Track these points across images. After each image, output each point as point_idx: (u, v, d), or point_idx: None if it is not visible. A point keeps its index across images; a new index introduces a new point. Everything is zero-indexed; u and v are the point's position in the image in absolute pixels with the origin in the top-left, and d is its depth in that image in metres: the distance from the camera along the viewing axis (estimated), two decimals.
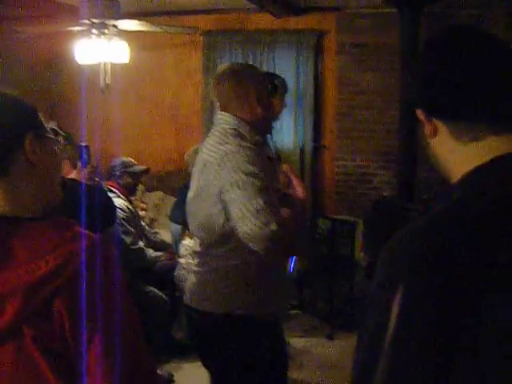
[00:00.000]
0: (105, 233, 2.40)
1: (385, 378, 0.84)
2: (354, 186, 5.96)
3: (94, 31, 4.47)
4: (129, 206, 4.11)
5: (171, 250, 4.45)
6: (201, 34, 6.04)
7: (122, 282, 1.12)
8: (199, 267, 2.29)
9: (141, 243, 4.12)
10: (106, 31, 4.48)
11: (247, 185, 2.03)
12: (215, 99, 2.34)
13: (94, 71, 4.90)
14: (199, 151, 2.31)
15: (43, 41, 5.95)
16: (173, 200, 5.49)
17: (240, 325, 2.20)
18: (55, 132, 3.20)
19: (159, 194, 6.24)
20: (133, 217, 4.12)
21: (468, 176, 0.95)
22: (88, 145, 2.73)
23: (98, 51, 4.56)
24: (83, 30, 4.57)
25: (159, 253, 4.29)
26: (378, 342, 0.85)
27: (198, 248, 2.31)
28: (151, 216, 5.29)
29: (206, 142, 2.25)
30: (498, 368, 0.81)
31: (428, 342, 0.82)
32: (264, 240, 1.99)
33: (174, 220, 4.89)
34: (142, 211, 4.70)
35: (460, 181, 0.97)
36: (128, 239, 3.97)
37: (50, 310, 1.04)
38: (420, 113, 1.01)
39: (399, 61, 4.98)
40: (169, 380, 3.80)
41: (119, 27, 4.58)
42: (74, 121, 6.26)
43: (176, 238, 4.68)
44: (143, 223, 4.41)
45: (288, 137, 5.92)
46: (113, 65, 4.85)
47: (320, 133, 6.07)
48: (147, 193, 6.20)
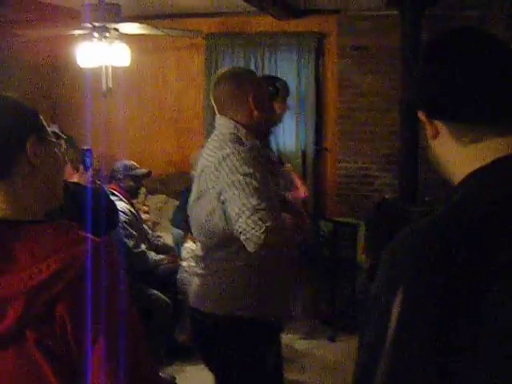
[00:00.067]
0: (107, 236, 2.40)
1: (385, 379, 0.84)
2: (356, 188, 5.96)
3: (96, 35, 4.48)
4: (131, 209, 4.11)
5: (173, 253, 4.45)
6: (202, 37, 6.05)
7: (125, 286, 1.12)
8: (201, 270, 2.30)
9: (143, 246, 4.12)
10: (108, 35, 4.49)
11: (244, 185, 2.04)
12: (213, 102, 2.34)
13: (96, 74, 4.91)
14: (200, 155, 2.33)
15: (45, 44, 5.96)
16: (175, 203, 5.49)
17: (241, 326, 2.21)
18: (57, 135, 3.20)
19: (161, 197, 6.24)
20: (135, 220, 4.12)
21: (469, 177, 0.95)
22: (90, 148, 2.74)
23: (100, 55, 4.57)
24: (85, 34, 4.58)
25: (161, 256, 4.28)
26: (380, 344, 0.85)
27: (200, 252, 2.32)
28: (153, 219, 5.29)
29: (206, 147, 2.26)
30: (499, 368, 0.81)
31: (429, 343, 0.82)
32: (258, 238, 1.98)
33: (176, 225, 4.88)
34: (145, 214, 4.70)
35: (461, 182, 0.97)
36: (130, 242, 3.97)
37: (53, 314, 1.04)
38: (421, 114, 1.01)
39: (400, 63, 4.98)
40: (171, 383, 3.80)
41: (120, 31, 4.59)
42: (76, 124, 6.28)
43: (178, 242, 4.67)
44: (145, 226, 4.41)
45: (290, 139, 5.92)
46: (114, 68, 4.86)
47: (321, 135, 6.07)
48: (149, 196, 6.20)
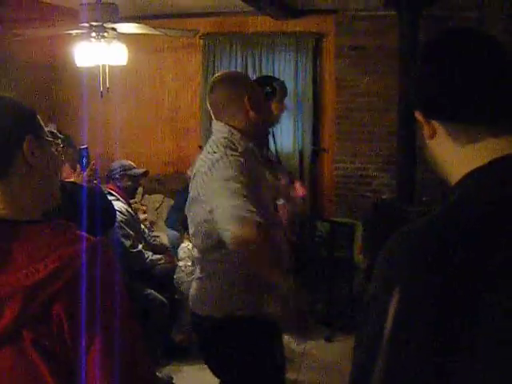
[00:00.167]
0: (104, 236, 2.40)
1: (382, 378, 0.84)
2: (354, 189, 5.96)
3: (94, 34, 4.47)
4: (128, 209, 4.11)
5: (170, 253, 4.45)
6: (200, 37, 6.05)
7: (121, 285, 1.12)
8: (199, 273, 2.32)
9: (140, 246, 4.11)
10: (106, 34, 4.48)
11: (227, 189, 2.05)
12: (209, 108, 2.35)
13: (94, 74, 4.90)
14: (198, 157, 2.33)
15: (42, 44, 5.95)
16: (172, 203, 5.49)
17: (239, 327, 2.21)
18: (54, 135, 3.20)
19: (158, 197, 6.24)
20: (132, 220, 4.12)
21: (466, 178, 0.95)
22: (87, 147, 2.74)
23: (97, 54, 4.57)
24: (82, 33, 4.57)
25: (159, 256, 4.28)
26: (376, 343, 0.85)
27: (197, 254, 2.33)
28: (151, 219, 5.28)
29: (203, 150, 2.28)
30: (496, 368, 0.81)
31: (426, 343, 0.82)
32: (238, 240, 2.00)
33: (170, 226, 4.88)
34: (144, 214, 4.70)
35: (458, 182, 0.97)
36: (127, 242, 3.97)
37: (49, 313, 1.04)
38: (418, 114, 1.01)
39: (398, 63, 4.99)
40: (168, 383, 3.80)
41: (118, 30, 4.58)
42: (74, 123, 6.27)
43: (173, 243, 4.67)
44: (142, 226, 4.41)
45: (287, 140, 5.92)
46: (112, 68, 4.85)
47: (319, 136, 6.07)
48: (146, 196, 6.20)
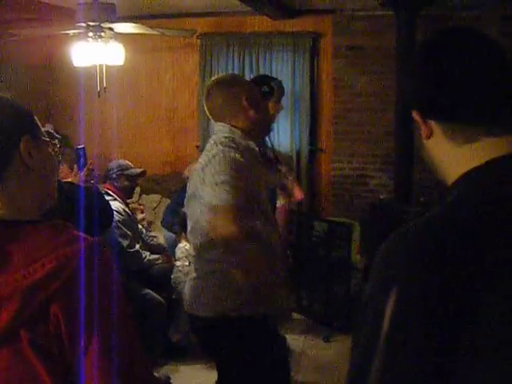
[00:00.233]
0: (101, 236, 2.40)
1: (379, 378, 0.84)
2: (351, 189, 5.97)
3: (91, 34, 4.46)
4: (125, 209, 4.10)
5: (168, 253, 4.45)
6: (197, 37, 6.05)
7: (119, 285, 1.12)
8: (194, 273, 2.32)
9: (137, 246, 4.11)
10: (103, 34, 4.47)
11: (214, 182, 2.07)
12: (208, 114, 2.36)
13: (91, 74, 4.90)
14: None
15: (39, 43, 5.94)
16: (169, 202, 5.48)
17: (235, 326, 2.22)
18: (51, 135, 3.19)
19: (156, 197, 6.24)
20: (129, 220, 4.11)
21: (464, 178, 0.95)
22: (84, 147, 2.73)
23: (95, 54, 4.56)
24: (79, 33, 4.56)
25: (156, 256, 4.28)
26: (373, 344, 0.85)
27: (193, 252, 2.35)
28: (148, 219, 5.28)
29: (203, 152, 2.30)
30: (497, 368, 0.81)
31: (423, 343, 0.82)
32: (214, 227, 2.05)
33: (165, 226, 4.88)
34: (141, 214, 4.69)
35: (455, 182, 0.97)
36: (125, 242, 3.96)
37: (47, 313, 1.03)
38: (415, 114, 1.01)
39: (395, 63, 4.99)
40: (166, 382, 3.80)
41: (115, 30, 4.58)
42: (71, 123, 6.28)
43: (169, 244, 4.66)
44: (140, 226, 4.41)
45: (284, 140, 5.92)
46: (109, 68, 4.85)
47: (316, 136, 6.07)
48: (144, 195, 6.20)
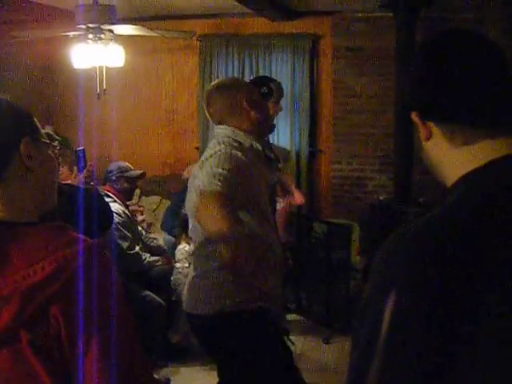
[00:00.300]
0: (101, 237, 2.40)
1: (378, 379, 0.84)
2: (350, 190, 5.97)
3: (90, 36, 4.47)
4: (125, 211, 4.10)
5: (167, 255, 4.45)
6: (197, 39, 6.05)
7: (118, 287, 1.12)
8: (193, 272, 2.34)
9: (137, 248, 4.11)
10: (102, 36, 4.48)
11: (208, 173, 2.07)
12: (210, 119, 2.37)
13: (91, 76, 4.90)
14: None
15: (39, 45, 5.94)
16: (169, 204, 5.49)
17: (232, 322, 2.23)
18: (50, 137, 3.20)
19: (156, 199, 6.24)
20: (129, 222, 4.11)
21: (463, 179, 0.95)
22: (84, 149, 2.74)
23: (94, 56, 4.56)
24: (79, 35, 4.57)
25: (156, 257, 4.28)
26: (373, 345, 0.85)
27: (192, 248, 2.37)
28: (148, 220, 5.28)
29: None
30: (497, 368, 0.81)
31: (423, 344, 0.82)
32: (201, 213, 2.02)
33: (165, 229, 4.90)
34: (141, 216, 4.70)
35: (455, 184, 0.97)
36: (125, 244, 3.96)
37: (47, 315, 1.04)
38: (414, 115, 1.01)
39: (395, 65, 5.00)
40: None
41: (115, 32, 4.58)
42: (71, 125, 6.27)
43: (168, 245, 4.66)
44: (140, 228, 4.41)
45: (284, 141, 5.92)
46: (109, 70, 4.85)
47: (316, 137, 6.07)
48: (144, 197, 6.20)
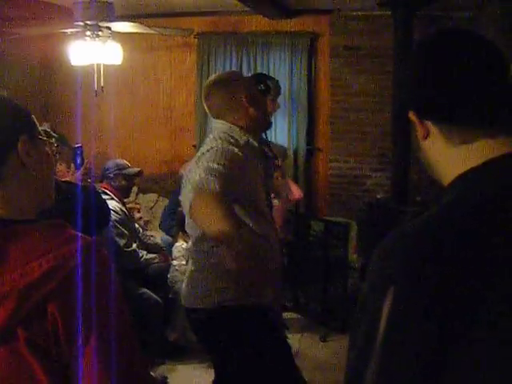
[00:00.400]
0: (98, 235, 2.41)
1: (375, 380, 0.84)
2: (348, 188, 5.98)
3: (88, 33, 4.46)
4: (122, 209, 4.10)
5: (165, 252, 4.45)
6: (195, 36, 6.05)
7: (116, 284, 1.12)
8: (191, 266, 2.34)
9: (134, 245, 4.11)
10: (100, 33, 4.47)
11: (203, 167, 2.07)
12: (208, 112, 2.37)
13: (88, 73, 4.89)
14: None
15: (37, 42, 5.94)
16: (167, 202, 5.49)
17: (230, 317, 2.24)
18: (47, 134, 3.19)
19: (153, 196, 6.24)
20: (126, 219, 4.11)
21: (461, 178, 0.95)
22: (82, 146, 2.74)
23: (92, 53, 4.56)
24: (77, 32, 4.56)
25: (153, 255, 4.28)
26: (370, 344, 0.85)
27: (190, 244, 2.37)
28: (145, 218, 5.29)
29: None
30: (497, 368, 0.81)
31: (422, 343, 0.82)
32: (195, 208, 2.02)
33: (163, 228, 4.90)
34: (138, 213, 4.70)
35: (453, 183, 0.97)
36: (122, 241, 3.96)
37: (44, 313, 1.03)
38: (412, 114, 1.00)
39: (392, 63, 5.00)
40: (163, 382, 3.80)
41: (113, 29, 4.58)
42: (68, 123, 6.27)
43: (166, 243, 4.66)
44: (137, 225, 4.41)
45: (281, 139, 5.92)
46: (107, 67, 4.84)
47: (313, 135, 6.08)
48: (141, 195, 6.20)
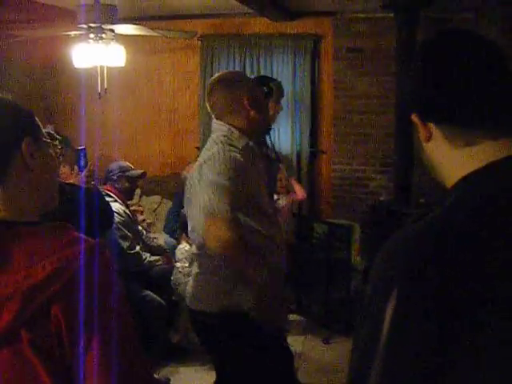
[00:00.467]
0: (102, 237, 2.41)
1: (378, 380, 0.84)
2: (351, 191, 5.97)
3: (92, 36, 4.47)
4: (126, 211, 4.10)
5: (168, 255, 4.45)
6: (198, 39, 6.06)
7: (119, 286, 1.12)
8: (196, 268, 2.34)
9: (138, 247, 4.11)
10: (104, 36, 4.48)
11: (213, 185, 2.10)
12: (210, 110, 2.37)
13: (91, 75, 4.90)
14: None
15: (41, 45, 5.95)
16: (170, 204, 5.50)
17: (236, 321, 2.24)
18: (51, 136, 3.20)
19: (156, 198, 6.24)
20: (130, 221, 4.12)
21: (463, 180, 0.95)
22: (85, 148, 2.74)
23: (96, 55, 4.56)
24: (80, 35, 4.57)
25: (156, 257, 4.28)
26: (373, 346, 0.85)
27: (194, 250, 2.36)
28: (148, 220, 5.29)
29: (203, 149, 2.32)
30: (497, 368, 0.81)
31: (424, 344, 0.82)
32: (208, 235, 2.08)
33: (167, 232, 4.90)
34: (141, 215, 4.70)
35: (455, 185, 0.97)
36: (125, 243, 3.96)
37: (48, 315, 1.04)
38: (414, 116, 1.00)
39: (395, 65, 5.00)
40: None
41: (116, 31, 4.58)
42: (72, 125, 6.28)
43: (169, 245, 4.67)
44: (140, 227, 4.41)
45: (285, 141, 5.93)
46: (110, 69, 4.85)
47: (317, 137, 6.08)
48: (144, 197, 6.20)
